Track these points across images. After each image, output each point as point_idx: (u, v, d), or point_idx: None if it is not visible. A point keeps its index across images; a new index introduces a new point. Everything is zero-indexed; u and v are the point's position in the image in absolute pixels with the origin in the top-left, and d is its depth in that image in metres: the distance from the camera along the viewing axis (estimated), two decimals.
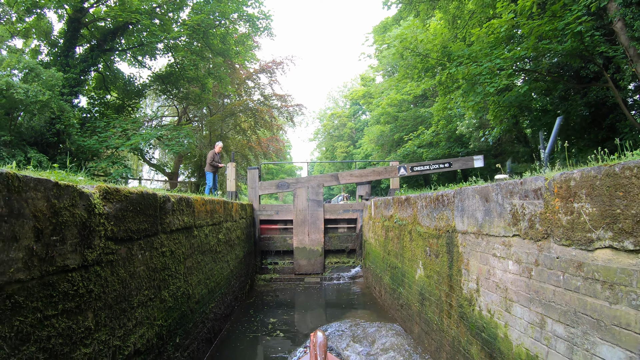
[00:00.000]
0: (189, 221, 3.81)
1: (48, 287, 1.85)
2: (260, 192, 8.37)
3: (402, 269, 5.18)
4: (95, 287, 2.20)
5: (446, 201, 3.61)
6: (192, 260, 3.94)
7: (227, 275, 5.55)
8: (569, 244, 2.09)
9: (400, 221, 5.17)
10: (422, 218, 4.33)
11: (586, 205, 1.96)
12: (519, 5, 7.86)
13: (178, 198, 3.49)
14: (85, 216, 2.10)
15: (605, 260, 1.89)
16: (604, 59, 9.71)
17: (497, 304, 2.82)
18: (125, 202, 2.53)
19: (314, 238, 8.15)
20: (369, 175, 8.36)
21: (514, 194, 2.55)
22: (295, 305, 6.83)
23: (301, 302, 6.97)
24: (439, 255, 3.89)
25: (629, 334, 1.81)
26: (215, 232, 4.89)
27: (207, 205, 4.45)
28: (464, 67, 9.15)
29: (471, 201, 3.13)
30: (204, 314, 4.36)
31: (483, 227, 2.98)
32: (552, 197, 2.18)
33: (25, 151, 10.95)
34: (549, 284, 2.27)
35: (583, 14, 7.22)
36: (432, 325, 4.08)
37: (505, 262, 2.68)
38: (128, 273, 2.58)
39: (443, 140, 20.56)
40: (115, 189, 2.42)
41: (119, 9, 12.59)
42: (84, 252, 2.10)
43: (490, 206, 2.86)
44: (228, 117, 18.48)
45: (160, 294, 3.14)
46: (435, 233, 3.93)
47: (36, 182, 1.74)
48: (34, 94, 10.21)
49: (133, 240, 2.64)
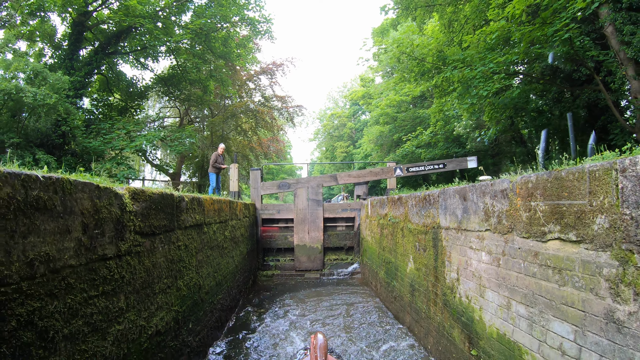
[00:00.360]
0: (200, 219, 4.19)
1: (92, 272, 2.23)
2: (262, 192, 8.75)
3: (395, 263, 5.57)
4: (126, 274, 2.59)
5: (432, 200, 4.00)
6: (202, 255, 4.32)
7: (232, 269, 5.93)
8: (527, 236, 2.48)
9: (394, 219, 5.55)
10: (412, 216, 4.71)
11: (540, 204, 2.34)
12: (509, 12, 8.23)
13: (191, 198, 3.87)
14: (119, 213, 2.48)
15: (555, 249, 2.27)
16: (595, 62, 10.08)
17: (473, 290, 3.21)
18: (149, 201, 2.91)
19: (314, 236, 8.54)
20: (366, 175, 8.74)
21: (486, 193, 2.94)
22: (296, 298, 7.21)
23: (301, 296, 7.36)
24: (426, 249, 4.27)
25: (574, 311, 2.19)
26: (222, 230, 5.28)
27: (214, 204, 4.83)
28: (458, 71, 9.52)
29: (452, 200, 3.51)
30: (213, 304, 4.75)
31: (462, 223, 3.37)
32: (515, 197, 2.56)
33: (34, 153, 11.33)
34: (513, 271, 2.66)
35: (571, 21, 7.58)
36: (421, 313, 4.47)
37: (480, 253, 3.06)
38: (151, 263, 2.96)
39: (441, 140, 20.93)
40: (141, 190, 2.80)
41: (123, 14, 12.94)
42: (118, 243, 2.48)
43: (468, 205, 3.24)
44: (229, 118, 18.85)
45: (177, 283, 3.52)
46: (423, 229, 4.31)
47: (83, 185, 2.12)
48: (42, 97, 10.59)
49: (155, 234, 3.02)
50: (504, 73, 9.59)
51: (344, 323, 5.38)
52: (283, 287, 7.83)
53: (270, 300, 6.88)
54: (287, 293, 7.41)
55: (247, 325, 5.48)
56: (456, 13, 12.13)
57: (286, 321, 5.68)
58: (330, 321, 5.48)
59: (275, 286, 7.98)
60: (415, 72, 11.06)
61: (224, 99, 19.24)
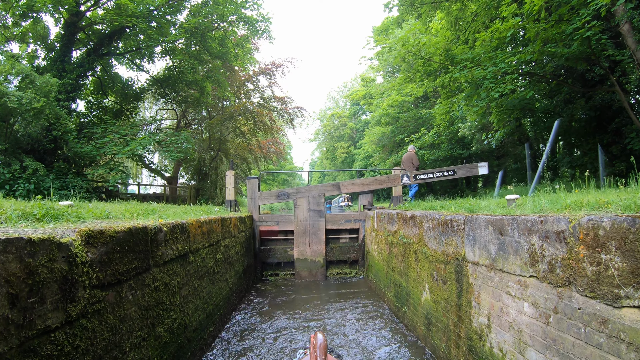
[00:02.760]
0: (184, 248, 3.65)
1: (29, 354, 1.68)
2: (260, 202, 8.20)
3: (406, 288, 5.01)
4: (82, 342, 2.04)
5: (455, 227, 3.44)
6: (188, 288, 3.77)
7: (226, 294, 5.39)
8: (593, 296, 1.92)
9: (405, 239, 5.00)
10: (428, 240, 4.15)
11: (615, 259, 1.78)
12: (526, 8, 7.64)
13: (171, 226, 3.32)
14: (66, 269, 1.93)
15: (634, 320, 1.71)
16: (610, 61, 9.49)
17: (510, 344, 2.65)
18: (112, 243, 2.36)
19: (315, 249, 8.00)
20: (371, 184, 8.18)
21: (532, 232, 2.38)
22: (295, 318, 6.66)
23: (303, 314, 6.81)
24: (446, 281, 3.72)
25: None
26: (212, 253, 4.73)
27: (203, 226, 4.28)
28: (467, 71, 8.93)
29: (483, 232, 2.95)
30: (202, 339, 4.21)
31: (496, 261, 2.81)
32: (576, 243, 2.00)
33: (21, 159, 10.78)
34: (568, 334, 2.10)
35: (592, 18, 6.99)
36: (438, 352, 3.92)
37: (521, 302, 2.50)
38: (118, 318, 2.42)
39: (445, 142, 20.35)
40: (99, 231, 2.25)
41: (114, 13, 12.36)
42: (67, 307, 1.93)
43: (505, 241, 2.68)
44: (227, 120, 18.28)
45: (155, 331, 2.98)
46: (443, 258, 3.76)
47: (5, 244, 1.57)
48: (28, 102, 10.02)
49: (122, 282, 2.47)
50: (517, 73, 9.00)
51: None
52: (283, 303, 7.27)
53: (269, 317, 6.32)
54: (287, 313, 6.86)
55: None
56: (463, 10, 11.53)
57: (286, 337, 5.13)
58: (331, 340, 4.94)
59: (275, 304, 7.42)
60: (421, 72, 10.47)
61: (222, 100, 18.67)
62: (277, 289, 7.41)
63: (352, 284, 7.70)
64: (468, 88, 9.78)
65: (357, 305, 6.15)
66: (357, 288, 7.36)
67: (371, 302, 6.26)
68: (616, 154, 11.21)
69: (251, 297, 6.88)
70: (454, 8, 11.35)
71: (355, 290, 7.23)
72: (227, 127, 18.94)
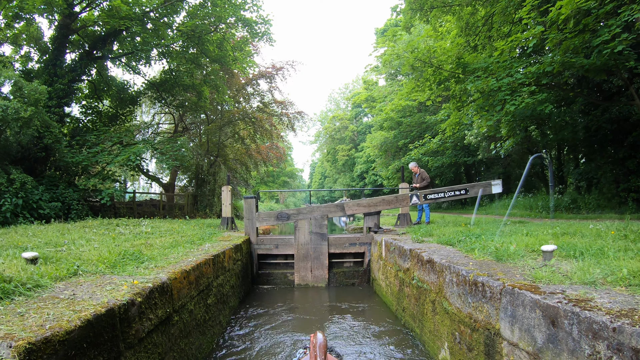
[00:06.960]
0: (165, 312, 3.10)
1: None
2: (258, 224, 7.65)
3: (420, 337, 4.47)
4: None
5: (488, 293, 2.89)
6: (172, 355, 3.23)
7: (219, 333, 4.85)
8: None
9: (421, 283, 4.45)
10: (451, 295, 3.60)
11: None
12: (550, 17, 7.05)
13: (147, 293, 2.77)
14: None
15: None
16: (629, 72, 8.92)
17: None
18: (63, 349, 1.81)
19: (318, 274, 7.46)
20: (378, 204, 7.63)
21: (599, 338, 1.83)
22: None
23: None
24: (472, 349, 3.17)
25: None
26: (203, 300, 4.19)
27: (190, 276, 3.74)
28: (481, 82, 8.35)
29: (527, 313, 2.40)
30: None
31: (543, 352, 2.26)
32: None
33: (8, 172, 10.22)
34: None
35: (622, 30, 6.41)
36: None
37: None
38: None
39: (450, 148, 19.77)
40: (43, 340, 1.70)
41: (106, 16, 11.76)
42: None
43: (558, 334, 2.13)
44: (226, 125, 17.71)
45: None
46: (470, 322, 3.21)
47: None
48: (14, 111, 9.45)
49: None
50: (535, 85, 8.42)
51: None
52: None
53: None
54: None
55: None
56: (474, 15, 10.93)
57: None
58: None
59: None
60: (431, 81, 9.88)
61: (221, 105, 18.09)
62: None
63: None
64: (480, 99, 9.20)
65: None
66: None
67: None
68: (632, 168, 10.62)
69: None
70: (465, 12, 10.75)
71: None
72: (226, 132, 18.39)
